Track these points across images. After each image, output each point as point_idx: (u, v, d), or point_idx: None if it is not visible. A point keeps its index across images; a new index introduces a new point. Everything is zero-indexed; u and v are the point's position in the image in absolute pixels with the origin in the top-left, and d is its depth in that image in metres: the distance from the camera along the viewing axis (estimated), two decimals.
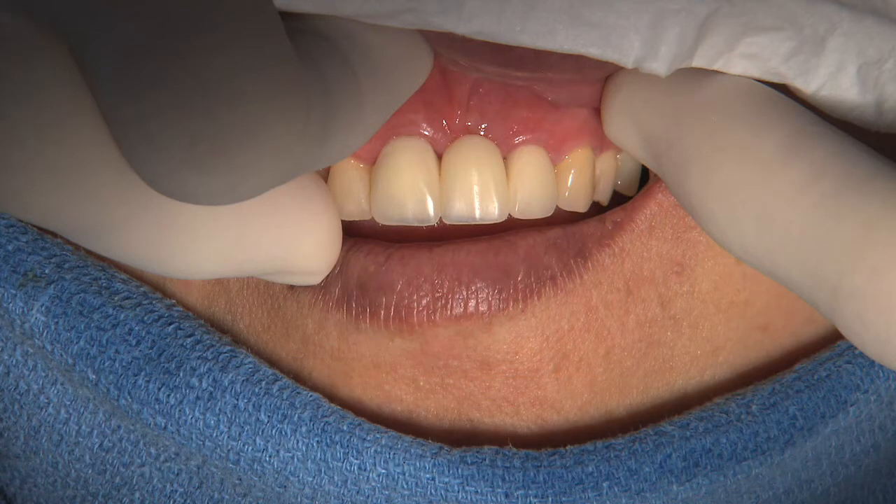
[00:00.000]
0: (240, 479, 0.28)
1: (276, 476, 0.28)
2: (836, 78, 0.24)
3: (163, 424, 0.28)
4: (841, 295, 0.22)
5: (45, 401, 0.30)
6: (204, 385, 0.28)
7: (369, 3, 0.23)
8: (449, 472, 0.27)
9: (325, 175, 0.30)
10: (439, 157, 0.29)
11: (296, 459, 0.27)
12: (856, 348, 0.30)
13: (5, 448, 0.31)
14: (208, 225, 0.23)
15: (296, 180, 0.24)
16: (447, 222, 0.29)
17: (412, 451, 0.27)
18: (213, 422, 0.28)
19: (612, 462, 0.28)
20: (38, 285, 0.29)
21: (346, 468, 0.27)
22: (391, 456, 0.27)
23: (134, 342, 0.28)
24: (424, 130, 0.29)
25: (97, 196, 0.20)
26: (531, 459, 0.28)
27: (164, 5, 0.19)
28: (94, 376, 0.28)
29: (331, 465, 0.27)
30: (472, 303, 0.28)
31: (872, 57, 0.24)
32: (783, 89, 0.25)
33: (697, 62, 0.24)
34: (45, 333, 0.28)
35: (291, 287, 0.29)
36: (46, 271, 0.29)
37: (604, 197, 0.31)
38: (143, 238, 0.22)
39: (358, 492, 0.28)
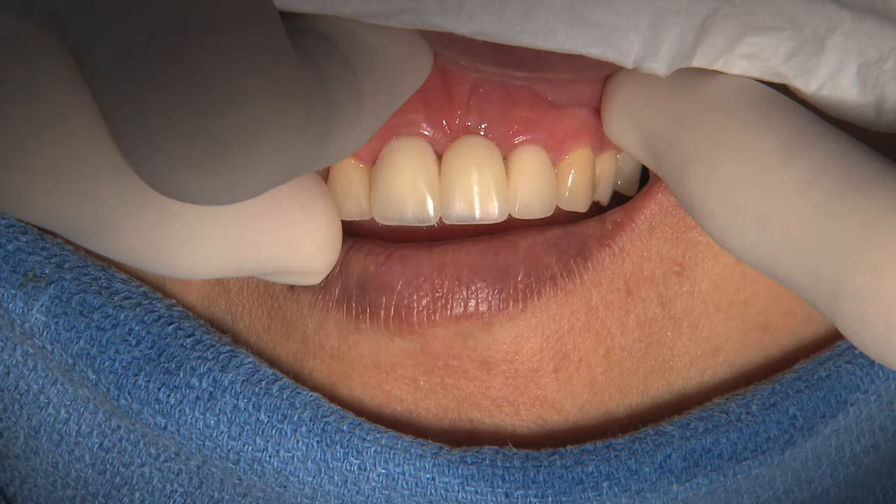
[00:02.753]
0: (240, 479, 0.28)
1: (276, 476, 0.28)
2: (836, 78, 0.24)
3: (163, 424, 0.28)
4: (841, 295, 0.22)
5: (45, 401, 0.30)
6: (204, 385, 0.28)
7: (369, 3, 0.23)
8: (449, 472, 0.27)
9: (325, 175, 0.30)
10: (439, 157, 0.29)
11: (296, 459, 0.27)
12: (856, 348, 0.30)
13: (5, 448, 0.32)
14: (208, 225, 0.23)
15: (296, 180, 0.24)
16: (447, 222, 0.29)
17: (412, 451, 0.27)
18: (213, 422, 0.28)
19: (612, 462, 0.28)
20: (38, 285, 0.29)
21: (346, 468, 0.27)
22: (391, 456, 0.27)
23: (134, 342, 0.28)
24: (424, 130, 0.29)
25: (97, 196, 0.20)
26: (531, 459, 0.28)
27: (164, 5, 0.19)
28: (94, 376, 0.28)
29: (331, 465, 0.27)
30: (472, 303, 0.28)
31: (872, 57, 0.24)
32: (783, 89, 0.25)
33: (697, 62, 0.24)
34: (45, 333, 0.28)
35: (291, 287, 0.29)
36: (46, 271, 0.29)
37: (604, 197, 0.31)
38: (142, 238, 0.22)
39: (358, 492, 0.28)
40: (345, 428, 0.27)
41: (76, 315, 0.28)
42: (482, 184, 0.29)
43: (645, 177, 0.31)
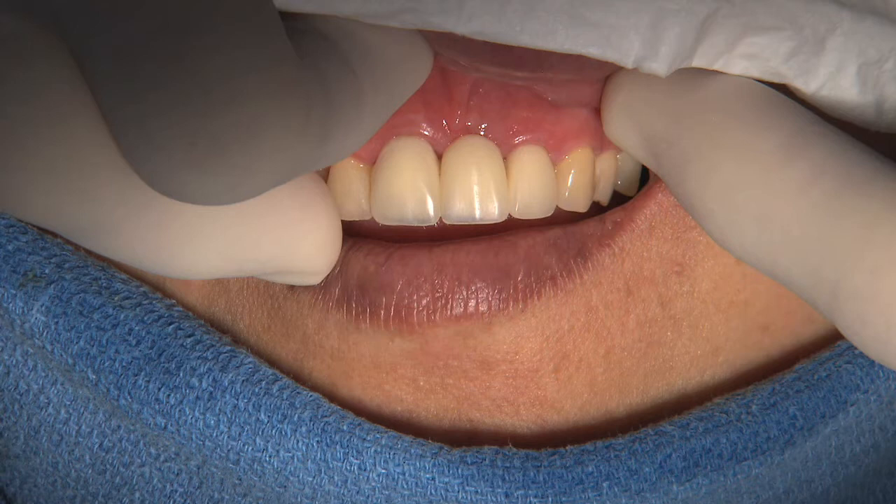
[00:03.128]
0: (240, 479, 0.28)
1: (276, 476, 0.28)
2: (836, 78, 0.24)
3: (163, 424, 0.28)
4: (841, 295, 0.22)
5: (45, 401, 0.30)
6: (204, 385, 0.28)
7: (369, 3, 0.23)
8: (449, 472, 0.27)
9: (325, 175, 0.30)
10: (439, 157, 0.29)
11: (296, 459, 0.27)
12: (856, 348, 0.30)
13: (5, 448, 0.32)
14: (208, 225, 0.23)
15: (296, 180, 0.24)
16: (447, 222, 0.29)
17: (412, 451, 0.27)
18: (213, 422, 0.28)
19: (612, 462, 0.28)
20: (38, 285, 0.29)
21: (346, 468, 0.27)
22: (391, 456, 0.27)
23: (134, 342, 0.28)
24: (424, 130, 0.29)
25: (97, 196, 0.20)
26: (531, 459, 0.28)
27: (164, 5, 0.19)
28: (94, 376, 0.28)
29: (331, 465, 0.27)
30: (472, 303, 0.28)
31: (872, 57, 0.24)
32: (783, 89, 0.25)
33: (697, 62, 0.24)
34: (45, 333, 0.28)
35: (291, 287, 0.29)
36: (46, 271, 0.29)
37: (604, 197, 0.31)
38: (142, 238, 0.22)
39: (358, 492, 0.28)
40: (345, 428, 0.27)
41: (76, 315, 0.28)
42: (482, 184, 0.29)
43: (645, 177, 0.31)
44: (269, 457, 0.27)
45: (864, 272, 0.21)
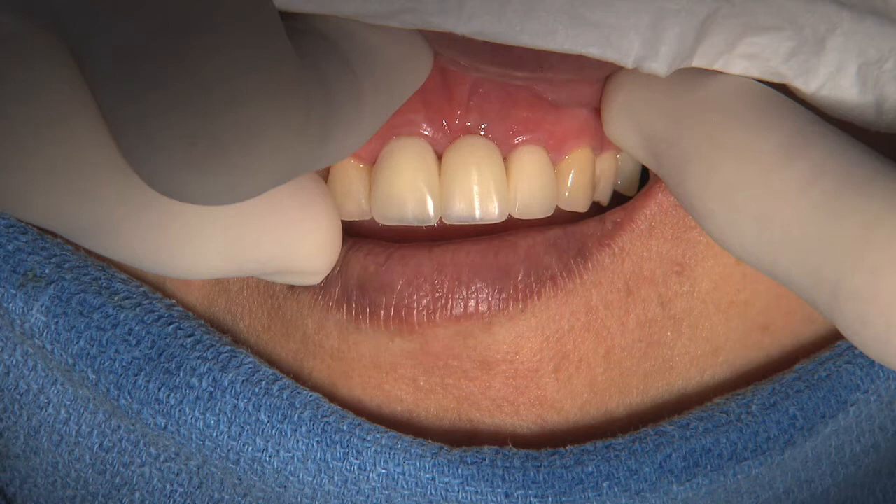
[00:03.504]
0: (240, 479, 0.28)
1: (276, 476, 0.28)
2: (836, 78, 0.24)
3: (163, 424, 0.28)
4: (841, 295, 0.22)
5: (45, 401, 0.30)
6: (204, 385, 0.28)
7: (369, 3, 0.23)
8: (449, 472, 0.27)
9: (325, 175, 0.30)
10: (439, 157, 0.29)
11: (296, 459, 0.27)
12: (856, 348, 0.30)
13: (5, 448, 0.32)
14: (208, 225, 0.23)
15: (296, 180, 0.24)
16: (447, 222, 0.29)
17: (412, 451, 0.27)
18: (213, 422, 0.28)
19: (612, 462, 0.28)
20: (38, 285, 0.29)
21: (346, 468, 0.27)
22: (391, 456, 0.27)
23: (134, 342, 0.28)
24: (424, 130, 0.29)
25: (96, 196, 0.20)
26: (531, 459, 0.28)
27: (164, 5, 0.19)
28: (94, 376, 0.28)
29: (331, 465, 0.27)
30: (472, 303, 0.28)
31: (872, 57, 0.24)
32: (783, 89, 0.25)
33: (697, 62, 0.24)
34: (45, 333, 0.28)
35: (291, 287, 0.29)
36: (46, 271, 0.29)
37: (604, 197, 0.31)
38: (142, 238, 0.22)
39: (358, 492, 0.28)
40: (345, 428, 0.27)
41: (76, 315, 0.28)
42: (482, 184, 0.29)
43: (645, 177, 0.31)
44: (269, 457, 0.27)
45: (864, 272, 0.21)
